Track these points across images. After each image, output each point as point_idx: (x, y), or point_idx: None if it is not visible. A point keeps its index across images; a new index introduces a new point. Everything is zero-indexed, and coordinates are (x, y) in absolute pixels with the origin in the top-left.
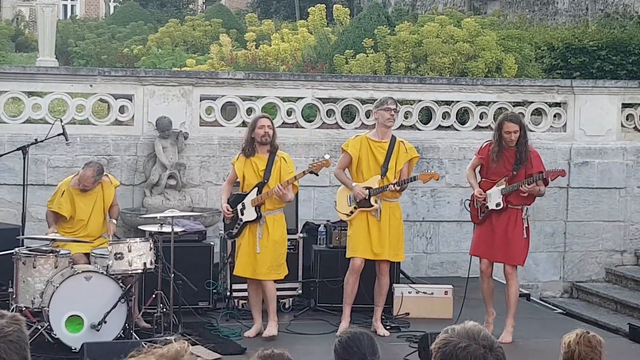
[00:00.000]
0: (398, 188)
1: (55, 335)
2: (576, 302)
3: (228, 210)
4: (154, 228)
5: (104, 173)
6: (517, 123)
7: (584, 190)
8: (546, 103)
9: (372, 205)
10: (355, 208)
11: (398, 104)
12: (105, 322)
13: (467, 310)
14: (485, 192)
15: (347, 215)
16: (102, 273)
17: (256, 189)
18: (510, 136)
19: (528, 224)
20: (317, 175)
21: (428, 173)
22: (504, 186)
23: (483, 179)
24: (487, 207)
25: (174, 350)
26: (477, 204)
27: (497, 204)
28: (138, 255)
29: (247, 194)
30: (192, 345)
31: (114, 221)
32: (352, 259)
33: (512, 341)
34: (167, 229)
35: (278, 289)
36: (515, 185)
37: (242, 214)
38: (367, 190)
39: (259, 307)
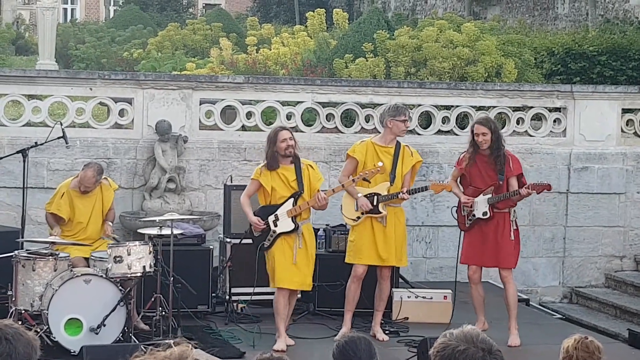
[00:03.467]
0: (408, 197)
1: (54, 338)
2: (575, 307)
3: (259, 222)
4: (153, 231)
5: (104, 176)
6: (487, 126)
7: (584, 195)
8: (546, 108)
9: (379, 212)
10: (362, 214)
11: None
12: (104, 325)
13: (466, 315)
14: (473, 202)
15: (354, 220)
16: (101, 276)
17: (292, 199)
18: (478, 138)
19: (517, 226)
20: (369, 182)
21: (440, 184)
22: (490, 195)
23: (469, 187)
24: (474, 215)
25: (177, 354)
26: (465, 211)
27: (484, 213)
28: (137, 259)
29: (278, 206)
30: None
31: (110, 223)
32: (354, 266)
33: (521, 343)
34: (166, 232)
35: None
36: (503, 195)
37: (276, 226)
38: (375, 198)
39: (286, 320)
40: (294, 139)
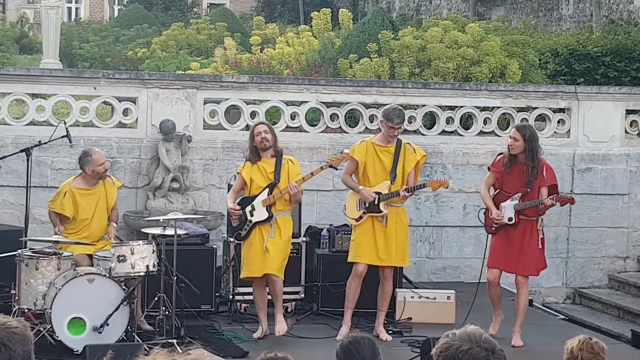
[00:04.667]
0: (408, 194)
1: (57, 337)
2: (579, 308)
3: (234, 207)
4: (157, 231)
5: (107, 173)
6: (521, 132)
7: (587, 196)
8: (550, 109)
9: (381, 211)
10: (364, 213)
11: (405, 116)
12: (107, 325)
13: (471, 314)
14: (500, 206)
15: (356, 220)
16: (104, 275)
17: (267, 189)
18: (510, 142)
19: (543, 234)
20: (337, 169)
21: (438, 181)
22: (517, 202)
23: (498, 191)
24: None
25: (192, 358)
26: (492, 215)
27: (510, 219)
28: (141, 258)
29: (255, 196)
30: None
31: (114, 225)
32: (355, 264)
33: (523, 345)
34: (170, 231)
35: None
36: (528, 203)
37: (252, 215)
38: (376, 193)
39: (265, 309)
40: (272, 134)
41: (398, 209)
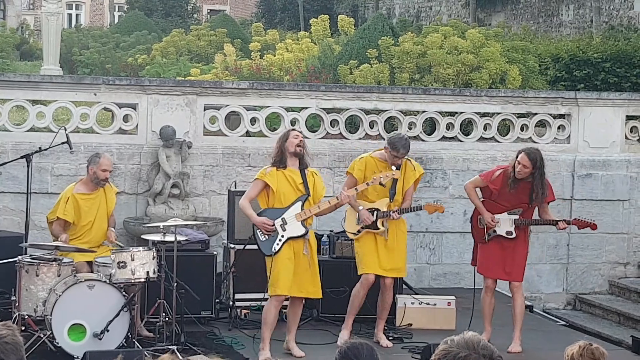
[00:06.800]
0: (398, 216)
1: (57, 343)
2: (579, 314)
3: (268, 222)
4: (157, 237)
5: None
6: (531, 161)
7: (588, 202)
8: (550, 115)
9: (378, 228)
10: (362, 228)
11: (410, 145)
12: (107, 331)
13: (472, 321)
14: (494, 215)
15: (354, 234)
16: (105, 282)
17: (299, 202)
18: (518, 167)
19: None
20: (384, 186)
21: (434, 205)
22: (517, 217)
23: (487, 200)
24: (495, 231)
25: None
26: (482, 224)
27: (509, 232)
28: (141, 264)
29: (284, 209)
30: (194, 355)
31: (113, 229)
32: (366, 274)
33: (521, 351)
34: (170, 238)
35: None
36: (530, 220)
37: (284, 230)
38: (375, 213)
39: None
40: (305, 143)
41: (397, 219)
